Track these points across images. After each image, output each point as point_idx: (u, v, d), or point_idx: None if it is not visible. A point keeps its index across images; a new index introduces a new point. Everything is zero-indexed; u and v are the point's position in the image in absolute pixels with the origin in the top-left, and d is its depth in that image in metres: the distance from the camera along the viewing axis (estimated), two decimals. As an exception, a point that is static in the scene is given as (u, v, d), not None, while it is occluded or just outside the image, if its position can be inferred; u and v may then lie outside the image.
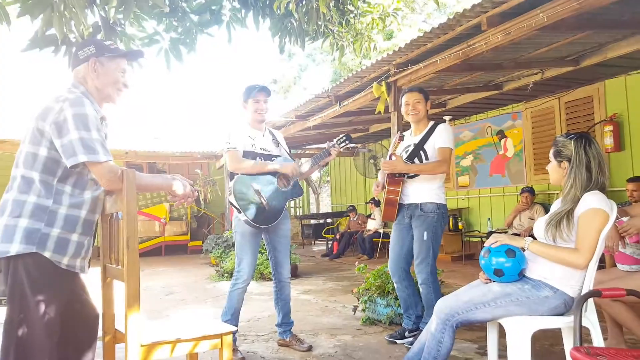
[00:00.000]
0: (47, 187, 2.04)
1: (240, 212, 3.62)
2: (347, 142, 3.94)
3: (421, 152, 3.80)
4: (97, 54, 2.21)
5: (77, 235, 2.10)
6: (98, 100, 2.22)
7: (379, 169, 3.92)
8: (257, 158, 3.74)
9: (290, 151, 4.11)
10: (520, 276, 2.47)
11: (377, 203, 10.07)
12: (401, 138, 3.96)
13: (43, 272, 2.00)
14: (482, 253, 2.58)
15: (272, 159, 3.80)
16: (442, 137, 3.77)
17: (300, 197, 15.85)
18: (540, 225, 2.56)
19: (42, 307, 1.96)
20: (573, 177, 2.46)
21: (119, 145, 11.39)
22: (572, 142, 2.48)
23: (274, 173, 3.74)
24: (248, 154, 3.73)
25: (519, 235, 6.28)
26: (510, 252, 2.46)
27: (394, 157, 3.76)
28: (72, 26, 2.76)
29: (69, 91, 2.15)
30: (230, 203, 3.73)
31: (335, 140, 3.93)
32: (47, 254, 2.00)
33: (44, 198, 2.03)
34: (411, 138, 3.93)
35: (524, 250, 2.49)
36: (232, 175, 3.72)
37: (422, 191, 3.79)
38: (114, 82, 2.23)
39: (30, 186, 2.03)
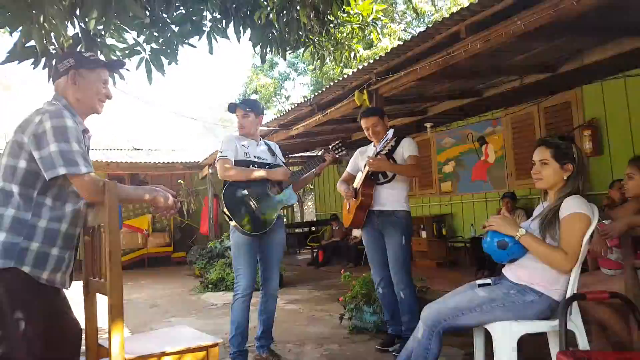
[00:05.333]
0: (27, 200, 2.00)
1: (231, 220, 3.58)
2: (342, 148, 3.96)
3: (390, 160, 3.92)
4: (77, 66, 2.19)
5: (57, 249, 2.06)
6: (80, 113, 2.19)
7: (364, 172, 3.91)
8: (251, 166, 3.71)
9: (286, 161, 4.11)
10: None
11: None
12: (395, 138, 3.92)
13: (22, 288, 1.95)
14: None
15: (267, 167, 3.77)
16: (411, 147, 3.95)
17: (286, 206, 15.81)
18: (528, 225, 2.56)
19: (22, 324, 1.91)
20: (574, 179, 2.48)
21: (101, 157, 11.29)
22: (573, 145, 2.51)
23: (265, 180, 3.70)
24: (242, 163, 3.70)
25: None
26: (502, 244, 2.50)
27: (378, 156, 3.79)
28: (52, 38, 2.74)
29: (49, 104, 2.13)
30: (222, 211, 3.69)
31: (330, 146, 3.94)
32: (26, 269, 1.96)
33: (23, 211, 1.99)
34: (374, 149, 3.96)
35: (515, 238, 2.46)
36: (224, 184, 3.67)
37: (396, 198, 3.93)
38: (95, 94, 2.21)
39: (9, 199, 1.99)
